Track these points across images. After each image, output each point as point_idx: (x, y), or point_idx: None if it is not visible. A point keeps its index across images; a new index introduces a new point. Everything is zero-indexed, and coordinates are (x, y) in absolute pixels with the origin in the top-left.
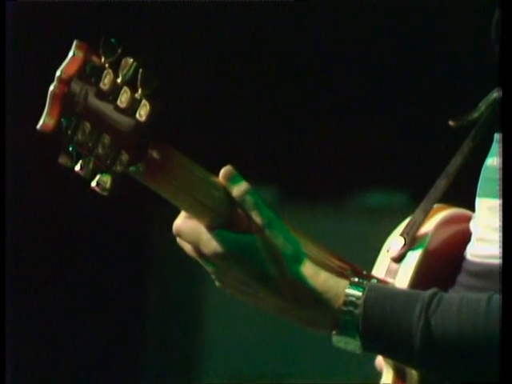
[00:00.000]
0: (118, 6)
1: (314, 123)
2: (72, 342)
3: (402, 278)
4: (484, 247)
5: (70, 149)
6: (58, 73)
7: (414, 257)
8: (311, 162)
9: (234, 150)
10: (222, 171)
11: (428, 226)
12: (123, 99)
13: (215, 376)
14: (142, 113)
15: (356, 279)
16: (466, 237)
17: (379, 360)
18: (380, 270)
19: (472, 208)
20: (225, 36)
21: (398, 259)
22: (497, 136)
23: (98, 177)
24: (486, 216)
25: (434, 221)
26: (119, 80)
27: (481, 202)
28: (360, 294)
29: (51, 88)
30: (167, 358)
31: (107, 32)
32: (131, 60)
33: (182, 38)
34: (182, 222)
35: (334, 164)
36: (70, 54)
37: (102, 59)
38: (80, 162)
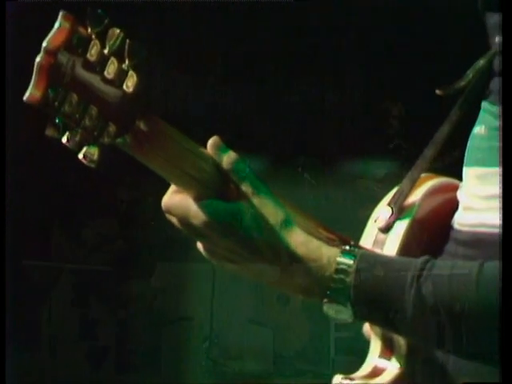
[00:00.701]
0: (119, 7)
1: (300, 92)
2: (72, 341)
3: (390, 247)
4: (471, 216)
5: (57, 120)
6: (44, 44)
7: (401, 227)
8: (297, 131)
9: (220, 121)
10: (210, 142)
11: (415, 196)
12: (110, 70)
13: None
14: (130, 84)
15: (347, 247)
16: (453, 206)
17: (367, 328)
18: (367, 240)
19: (459, 177)
20: (223, 33)
21: (386, 229)
22: (484, 104)
23: (84, 149)
24: (473, 185)
25: (422, 190)
26: (106, 51)
27: (468, 171)
28: (351, 262)
29: (37, 59)
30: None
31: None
32: (118, 31)
33: (181, 36)
34: (170, 198)
35: (319, 134)
36: (56, 25)
37: (89, 30)
38: (67, 133)
